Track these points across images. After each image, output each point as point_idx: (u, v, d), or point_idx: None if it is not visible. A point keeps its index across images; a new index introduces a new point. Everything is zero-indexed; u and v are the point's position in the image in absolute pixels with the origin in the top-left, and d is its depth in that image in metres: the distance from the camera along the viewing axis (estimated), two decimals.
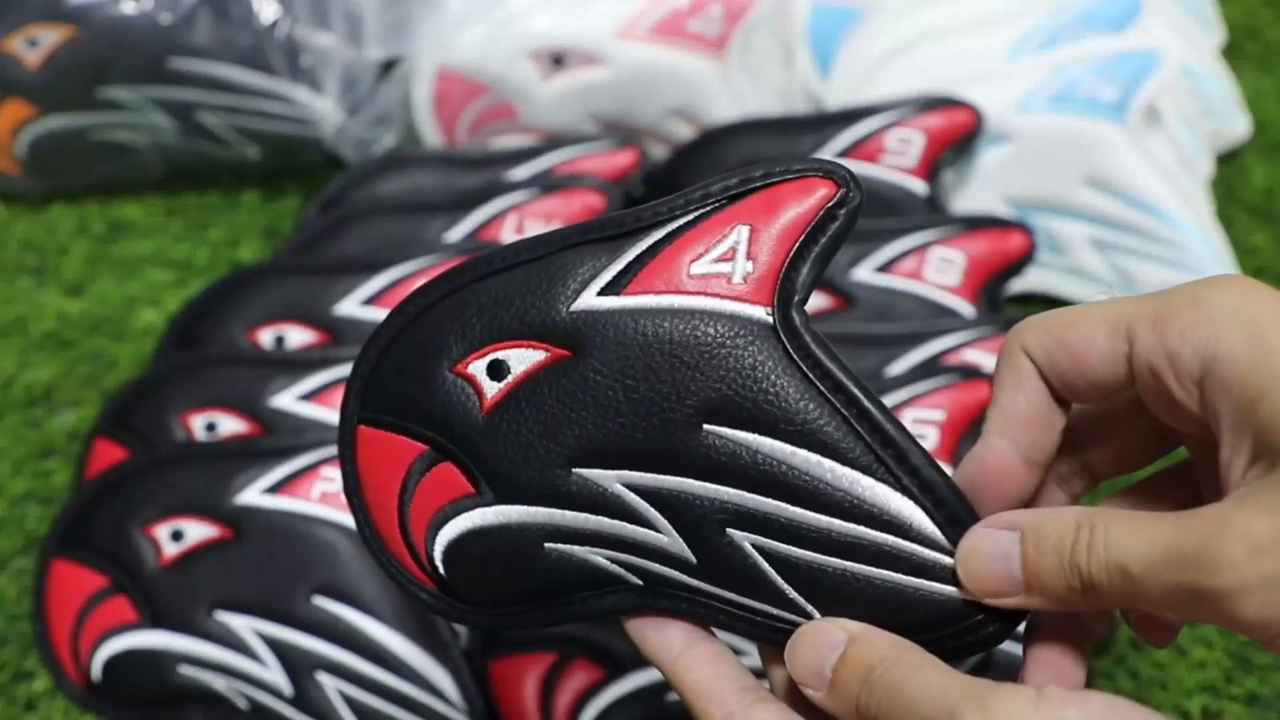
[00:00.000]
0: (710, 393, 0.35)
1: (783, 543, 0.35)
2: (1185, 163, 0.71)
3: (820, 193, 0.37)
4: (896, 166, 0.66)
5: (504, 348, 0.38)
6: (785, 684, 0.32)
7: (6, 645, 0.58)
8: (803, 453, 0.35)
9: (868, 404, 0.34)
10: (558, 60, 0.72)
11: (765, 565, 0.35)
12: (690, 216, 0.37)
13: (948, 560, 0.31)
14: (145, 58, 0.71)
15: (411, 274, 0.62)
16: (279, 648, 0.53)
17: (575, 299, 0.37)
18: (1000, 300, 0.64)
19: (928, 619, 0.32)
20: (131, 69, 0.71)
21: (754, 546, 0.35)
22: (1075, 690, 0.27)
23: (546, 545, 0.38)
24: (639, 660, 0.52)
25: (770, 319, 0.36)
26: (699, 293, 0.36)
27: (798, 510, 0.35)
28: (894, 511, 0.33)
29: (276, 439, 0.57)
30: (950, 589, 0.31)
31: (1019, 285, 0.68)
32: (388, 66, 0.75)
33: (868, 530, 0.33)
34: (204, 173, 0.78)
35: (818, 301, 0.61)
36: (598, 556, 0.37)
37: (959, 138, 0.66)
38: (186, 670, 0.54)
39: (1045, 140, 0.68)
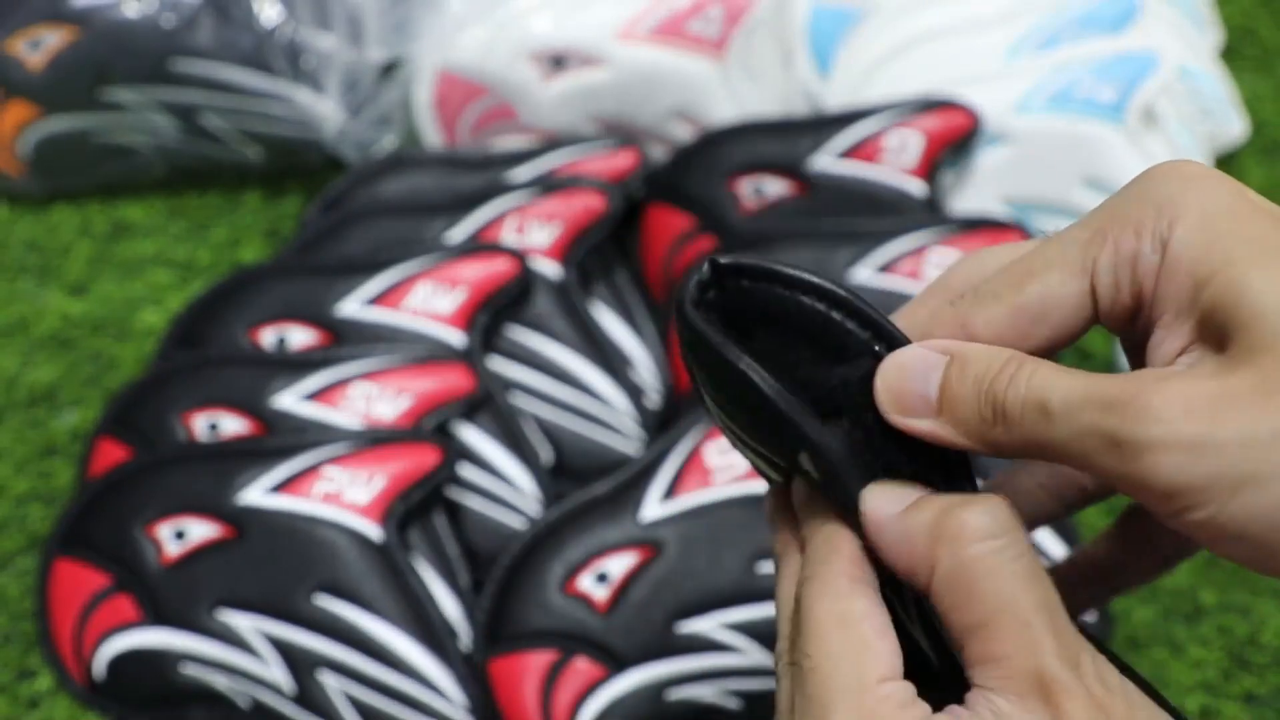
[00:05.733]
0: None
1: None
2: None
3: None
4: (895, 167, 0.66)
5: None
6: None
7: (9, 644, 0.58)
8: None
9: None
10: (558, 61, 0.72)
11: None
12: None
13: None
14: (147, 59, 0.71)
15: (412, 274, 0.62)
16: (281, 646, 0.53)
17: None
18: None
19: None
20: (134, 70, 0.72)
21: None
22: None
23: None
24: (639, 658, 0.53)
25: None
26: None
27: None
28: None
29: (278, 439, 0.57)
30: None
31: None
32: (389, 68, 0.75)
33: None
34: (206, 174, 0.78)
35: None
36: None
37: (957, 139, 0.67)
38: (189, 669, 0.54)
39: (1044, 141, 0.68)
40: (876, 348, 0.28)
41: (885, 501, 0.27)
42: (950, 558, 0.25)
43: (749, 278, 0.29)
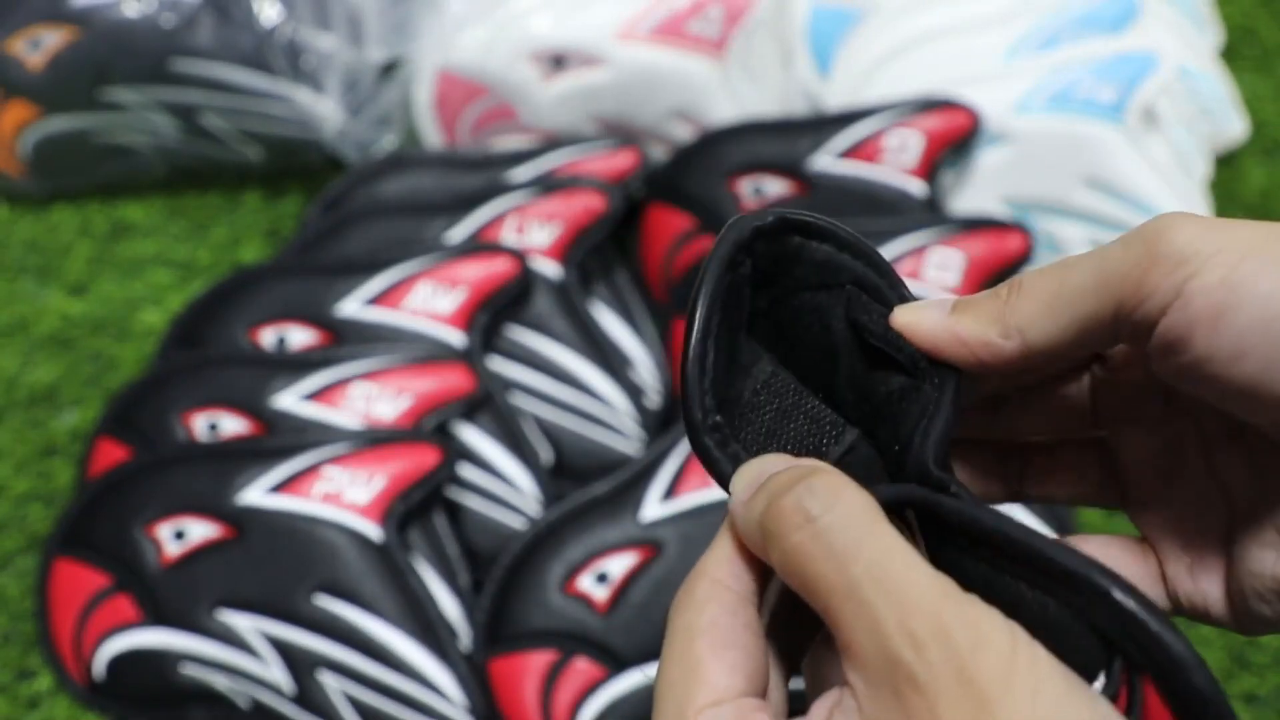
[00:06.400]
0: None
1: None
2: (1183, 164, 0.71)
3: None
4: (895, 167, 0.66)
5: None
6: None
7: (9, 644, 0.58)
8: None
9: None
10: (558, 61, 0.72)
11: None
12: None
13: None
14: (147, 59, 0.71)
15: (412, 274, 0.62)
16: (281, 646, 0.53)
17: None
18: None
19: None
20: (134, 70, 0.72)
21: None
22: None
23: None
24: (639, 658, 0.53)
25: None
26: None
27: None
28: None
29: (278, 439, 0.57)
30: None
31: None
32: (389, 68, 0.75)
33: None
34: (206, 174, 0.78)
35: None
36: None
37: (958, 139, 0.67)
38: (189, 669, 0.54)
39: (1044, 141, 0.68)
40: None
41: (740, 485, 0.26)
42: (779, 554, 0.24)
43: (805, 235, 0.29)
